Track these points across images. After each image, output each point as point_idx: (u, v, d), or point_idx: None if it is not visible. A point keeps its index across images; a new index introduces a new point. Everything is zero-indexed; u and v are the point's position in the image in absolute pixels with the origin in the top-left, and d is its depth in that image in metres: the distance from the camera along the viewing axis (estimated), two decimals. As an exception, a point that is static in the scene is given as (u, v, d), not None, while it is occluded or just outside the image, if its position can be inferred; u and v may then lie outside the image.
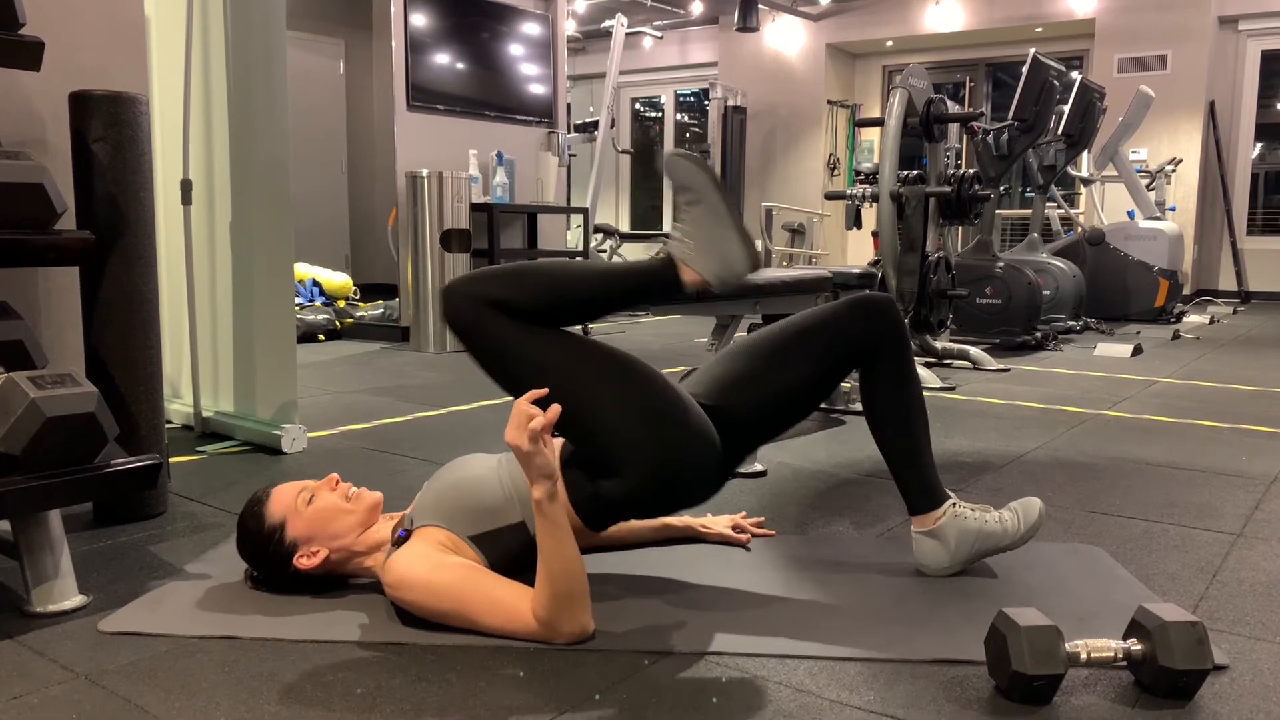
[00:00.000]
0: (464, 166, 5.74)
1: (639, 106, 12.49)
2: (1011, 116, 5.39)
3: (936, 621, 1.55)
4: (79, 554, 1.86)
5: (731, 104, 9.80)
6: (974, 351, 4.65)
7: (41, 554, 1.60)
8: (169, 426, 3.05)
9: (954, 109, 4.73)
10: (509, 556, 1.54)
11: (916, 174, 4.38)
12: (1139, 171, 7.67)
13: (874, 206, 4.51)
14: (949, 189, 4.36)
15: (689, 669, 1.38)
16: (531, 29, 6.29)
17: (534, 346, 1.51)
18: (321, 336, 5.68)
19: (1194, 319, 7.02)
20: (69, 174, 2.23)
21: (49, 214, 1.84)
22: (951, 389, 3.95)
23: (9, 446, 1.52)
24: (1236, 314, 7.73)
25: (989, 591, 1.68)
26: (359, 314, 6.10)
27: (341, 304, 6.58)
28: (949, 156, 4.81)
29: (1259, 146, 9.32)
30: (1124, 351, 5.03)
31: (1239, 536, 2.02)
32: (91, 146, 2.00)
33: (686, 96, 12.17)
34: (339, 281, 6.83)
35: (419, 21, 5.68)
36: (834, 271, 3.67)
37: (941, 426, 3.17)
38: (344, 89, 8.71)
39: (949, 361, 4.65)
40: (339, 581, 1.67)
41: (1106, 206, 8.41)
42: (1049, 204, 7.64)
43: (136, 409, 2.06)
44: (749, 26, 9.29)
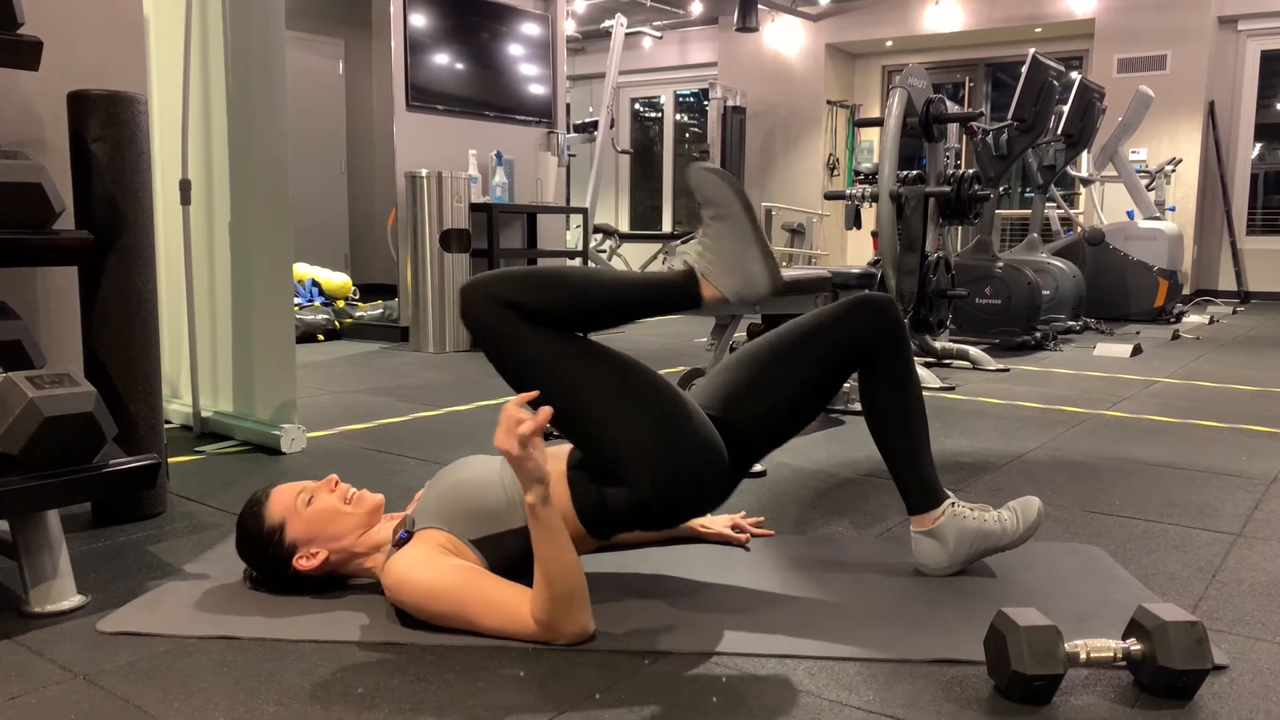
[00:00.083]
0: (463, 166, 5.74)
1: (639, 107, 12.49)
2: (1011, 116, 5.39)
3: (936, 621, 1.55)
4: (77, 554, 1.86)
5: (731, 104, 9.80)
6: (973, 351, 4.65)
7: (40, 554, 1.59)
8: (168, 426, 3.05)
9: (953, 109, 4.73)
10: (511, 560, 1.53)
11: (916, 174, 4.38)
12: (1138, 171, 7.67)
13: (873, 206, 4.51)
14: (948, 189, 4.35)
15: (689, 669, 1.38)
16: (531, 29, 6.29)
17: (546, 349, 1.51)
18: (321, 336, 5.68)
19: (1194, 319, 7.02)
20: (68, 174, 2.22)
21: (47, 214, 1.84)
22: (951, 389, 3.95)
23: (7, 446, 1.52)
24: (1236, 314, 7.73)
25: (988, 591, 1.67)
26: (358, 314, 6.10)
27: (341, 304, 6.58)
28: (948, 156, 4.80)
29: (1258, 146, 9.32)
30: (1123, 351, 5.03)
31: (1238, 536, 2.02)
32: (90, 146, 1.99)
33: (686, 97, 12.17)
34: (338, 281, 6.83)
35: (418, 21, 5.67)
36: (834, 271, 3.67)
37: (941, 426, 3.16)
38: (343, 89, 8.71)
39: (948, 361, 4.65)
40: (338, 582, 1.67)
41: (1106, 206, 8.41)
42: (1048, 204, 7.64)
43: (135, 409, 2.06)
44: (749, 27, 9.30)
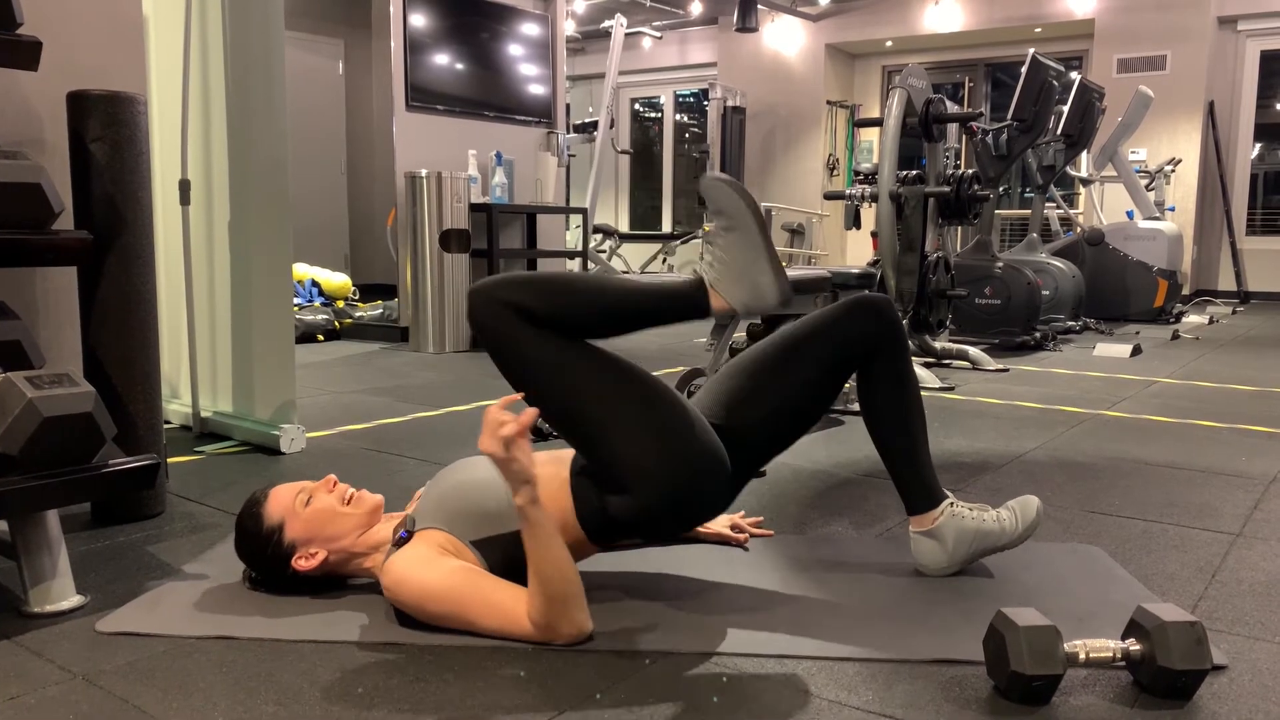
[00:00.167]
0: (463, 167, 5.74)
1: (638, 107, 12.49)
2: (1011, 116, 5.39)
3: (935, 621, 1.55)
4: (76, 554, 1.86)
5: (731, 104, 9.80)
6: (973, 352, 4.65)
7: (39, 554, 1.59)
8: (167, 426, 3.05)
9: (953, 109, 4.73)
10: (511, 561, 1.52)
11: (915, 174, 4.38)
12: (1138, 172, 7.68)
13: (873, 207, 4.51)
14: (948, 189, 4.35)
15: (689, 669, 1.38)
16: (531, 29, 6.29)
17: (548, 352, 1.50)
18: (320, 337, 5.68)
19: (1193, 319, 7.02)
20: (67, 174, 2.22)
21: (47, 214, 1.84)
22: (950, 389, 3.95)
23: (6, 446, 1.52)
24: (1236, 314, 7.73)
25: (987, 591, 1.67)
26: (358, 314, 6.10)
27: (340, 304, 6.58)
28: (948, 157, 4.80)
29: (1258, 146, 9.32)
30: (1123, 352, 5.03)
31: (1238, 536, 2.02)
32: (89, 146, 1.99)
33: (686, 97, 12.17)
34: (338, 282, 6.83)
35: (418, 22, 5.67)
36: (833, 271, 3.67)
37: (940, 426, 3.16)
38: (343, 89, 8.71)
39: (948, 362, 4.65)
40: (337, 582, 1.67)
41: (1106, 207, 8.41)
42: (1048, 204, 7.64)
43: (134, 409, 2.06)
44: (748, 27, 9.30)
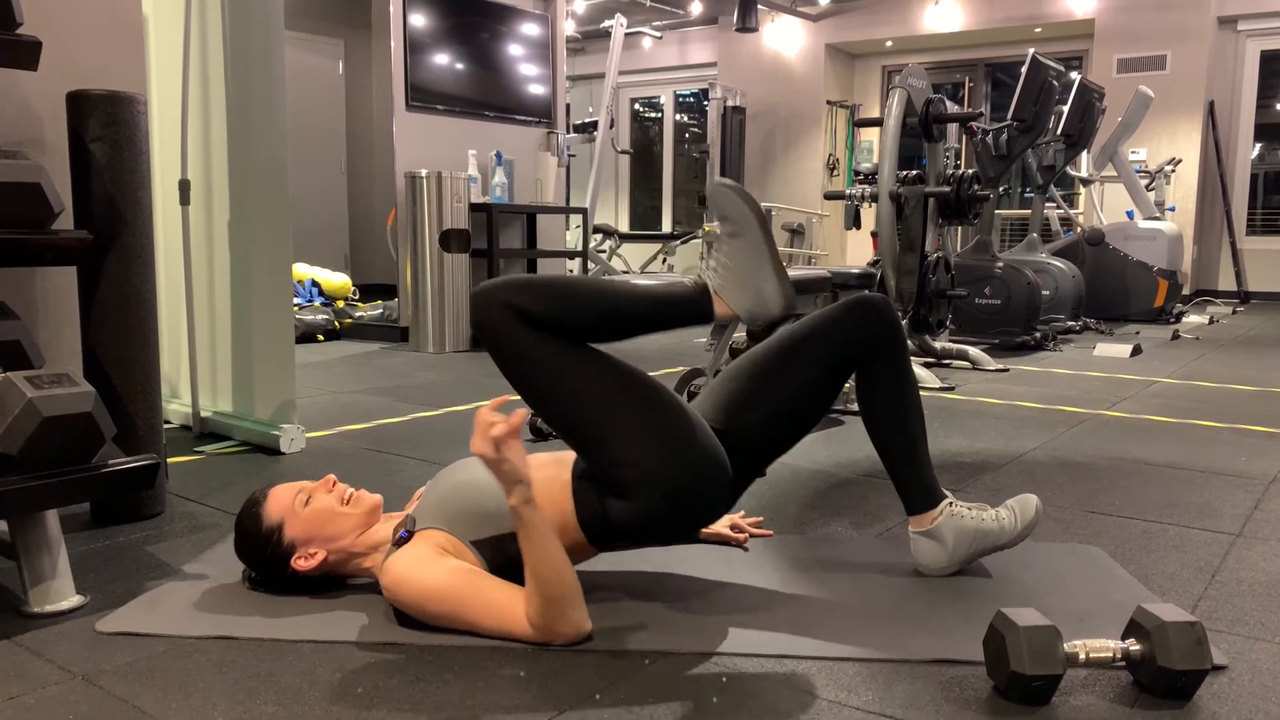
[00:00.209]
0: (463, 167, 5.74)
1: (638, 107, 12.49)
2: (1011, 116, 5.39)
3: (935, 621, 1.55)
4: (76, 554, 1.86)
5: (731, 104, 9.79)
6: (973, 352, 4.65)
7: (39, 554, 1.59)
8: (167, 426, 3.05)
9: (953, 109, 4.73)
10: (512, 562, 1.51)
11: (916, 174, 4.38)
12: (1138, 172, 7.68)
13: (873, 206, 4.51)
14: (948, 189, 4.35)
15: (689, 669, 1.38)
16: (531, 29, 6.29)
17: (551, 357, 1.50)
18: (320, 337, 5.68)
19: (1193, 319, 7.02)
20: (67, 174, 2.22)
21: (46, 213, 1.84)
22: (950, 389, 3.95)
23: (6, 446, 1.52)
24: (1236, 314, 7.73)
25: (987, 591, 1.67)
26: (358, 314, 6.10)
27: (340, 304, 6.58)
28: (948, 156, 4.80)
29: (1258, 146, 9.32)
30: (1123, 352, 5.03)
31: (1238, 536, 2.02)
32: (89, 146, 1.99)
33: (686, 97, 12.17)
34: (338, 282, 6.83)
35: (418, 21, 5.67)
36: (833, 271, 3.67)
37: (940, 426, 3.16)
38: (343, 89, 8.71)
39: (948, 362, 4.65)
40: (337, 582, 1.67)
41: (1106, 207, 8.41)
42: (1048, 204, 7.64)
43: (134, 409, 2.06)
44: (748, 27, 9.29)
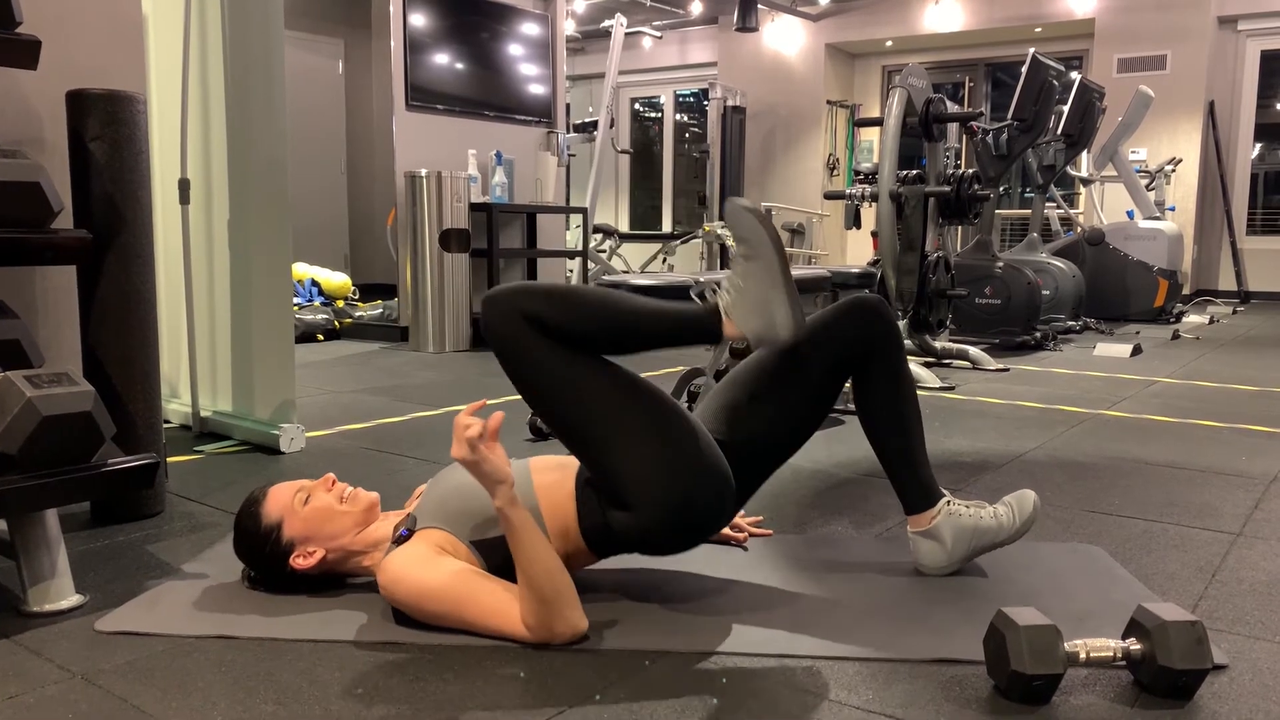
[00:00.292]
0: (463, 166, 5.74)
1: (638, 106, 12.48)
2: (1011, 116, 5.39)
3: (935, 621, 1.54)
4: (76, 553, 1.85)
5: (731, 104, 9.79)
6: (973, 351, 4.65)
7: (38, 553, 1.59)
8: (167, 426, 3.04)
9: (953, 109, 4.73)
10: (511, 563, 1.51)
11: (916, 174, 4.38)
12: (1138, 171, 7.67)
13: (873, 206, 4.51)
14: (948, 189, 4.35)
15: (689, 669, 1.38)
16: (531, 29, 6.28)
17: (560, 366, 1.50)
18: (320, 336, 5.68)
19: (1193, 319, 7.02)
20: (66, 173, 2.22)
21: (46, 213, 1.84)
22: (950, 389, 3.95)
23: (5, 445, 1.52)
24: (1236, 314, 7.73)
25: (988, 591, 1.67)
26: (358, 314, 6.10)
27: (340, 304, 6.58)
28: (948, 156, 4.80)
29: (1258, 146, 9.32)
30: (1123, 351, 5.03)
31: (1238, 536, 2.02)
32: (89, 145, 1.99)
33: (686, 96, 12.16)
34: (338, 281, 6.83)
35: (418, 21, 5.67)
36: (833, 271, 3.67)
37: (940, 426, 3.16)
38: (343, 89, 8.70)
39: (948, 361, 4.65)
40: (336, 581, 1.67)
41: (1106, 206, 8.40)
42: (1048, 204, 7.64)
43: (134, 408, 2.05)
44: (748, 26, 9.29)
